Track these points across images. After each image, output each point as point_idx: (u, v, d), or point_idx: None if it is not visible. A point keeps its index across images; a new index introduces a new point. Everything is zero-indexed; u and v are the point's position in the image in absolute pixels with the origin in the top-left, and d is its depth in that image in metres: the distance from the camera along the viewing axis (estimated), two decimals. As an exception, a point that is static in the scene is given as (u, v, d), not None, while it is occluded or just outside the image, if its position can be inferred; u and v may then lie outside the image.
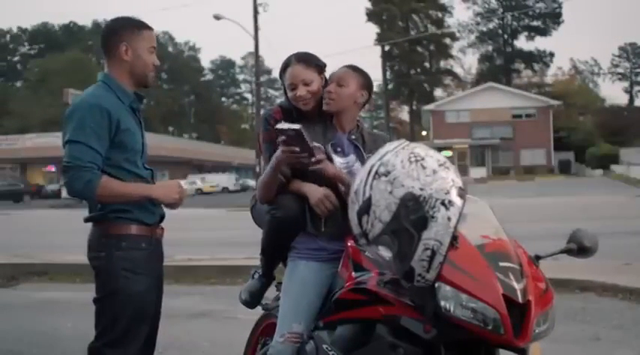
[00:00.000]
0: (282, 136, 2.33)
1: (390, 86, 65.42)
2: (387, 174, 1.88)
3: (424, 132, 58.56)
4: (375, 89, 2.91)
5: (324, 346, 2.35)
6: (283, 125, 2.32)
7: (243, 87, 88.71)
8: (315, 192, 2.51)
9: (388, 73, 64.37)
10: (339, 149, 2.60)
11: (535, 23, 69.84)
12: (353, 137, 2.64)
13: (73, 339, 4.75)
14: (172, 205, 2.53)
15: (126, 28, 2.54)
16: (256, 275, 2.93)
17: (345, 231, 2.31)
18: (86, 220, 2.53)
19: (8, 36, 78.18)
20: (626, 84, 78.03)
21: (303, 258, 2.59)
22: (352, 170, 2.54)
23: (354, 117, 2.67)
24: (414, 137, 55.42)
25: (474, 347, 1.97)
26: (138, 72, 2.55)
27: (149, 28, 2.59)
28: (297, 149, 2.34)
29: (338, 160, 2.58)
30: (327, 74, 2.72)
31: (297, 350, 2.49)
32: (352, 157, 2.59)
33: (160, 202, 2.52)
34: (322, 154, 2.45)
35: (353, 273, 2.31)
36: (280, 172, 2.53)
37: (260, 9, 31.07)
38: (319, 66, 2.70)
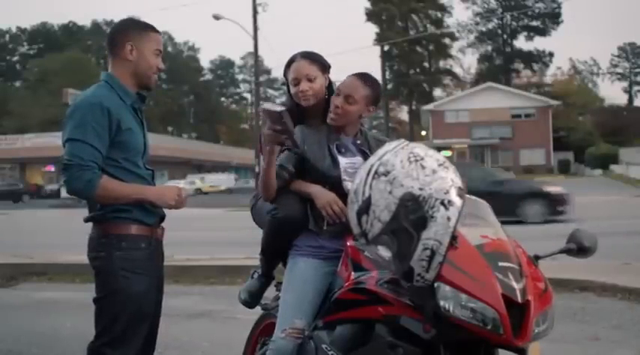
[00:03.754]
0: (267, 117, 2.35)
1: (389, 86, 65.32)
2: (386, 173, 1.88)
3: (423, 132, 58.48)
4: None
5: (324, 346, 2.35)
6: (267, 105, 2.35)
7: (243, 87, 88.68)
8: (322, 194, 2.51)
9: (387, 73, 64.28)
10: (343, 150, 2.61)
11: (534, 23, 69.83)
12: (359, 142, 2.65)
13: (73, 339, 4.75)
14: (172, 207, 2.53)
15: (133, 28, 2.56)
16: (256, 275, 2.94)
17: (346, 230, 2.31)
18: (86, 220, 2.53)
19: (7, 36, 78.06)
20: (625, 84, 78.23)
21: (304, 255, 2.59)
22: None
23: (357, 124, 2.67)
24: (413, 137, 55.38)
25: (473, 347, 1.97)
26: (141, 72, 2.55)
27: (156, 31, 2.59)
28: (279, 127, 2.34)
29: (343, 161, 2.58)
30: (332, 77, 2.71)
31: (297, 350, 2.49)
32: (359, 159, 2.58)
33: (155, 206, 2.51)
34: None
35: (352, 273, 2.31)
36: (281, 168, 2.53)
37: (259, 9, 31.06)
38: (324, 65, 2.71)
